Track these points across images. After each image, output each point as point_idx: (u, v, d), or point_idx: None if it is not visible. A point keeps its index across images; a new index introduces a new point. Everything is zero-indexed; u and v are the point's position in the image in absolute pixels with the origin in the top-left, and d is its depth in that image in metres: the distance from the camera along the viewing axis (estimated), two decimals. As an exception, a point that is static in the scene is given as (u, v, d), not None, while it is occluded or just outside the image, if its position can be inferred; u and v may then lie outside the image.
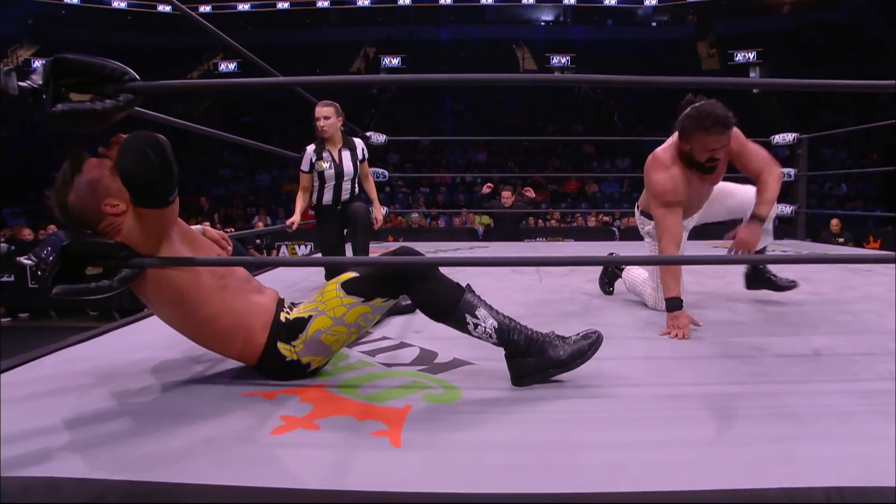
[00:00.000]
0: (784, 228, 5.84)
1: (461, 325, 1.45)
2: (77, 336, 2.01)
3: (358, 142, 3.22)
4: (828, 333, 2.02)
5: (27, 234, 8.33)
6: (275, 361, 1.49)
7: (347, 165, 3.10)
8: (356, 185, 3.18)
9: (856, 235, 8.67)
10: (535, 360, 1.47)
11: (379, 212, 3.34)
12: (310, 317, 1.47)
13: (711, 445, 1.16)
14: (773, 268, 2.55)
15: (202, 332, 1.47)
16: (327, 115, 3.04)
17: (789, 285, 2.43)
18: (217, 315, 1.44)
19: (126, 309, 6.50)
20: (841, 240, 8.06)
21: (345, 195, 3.12)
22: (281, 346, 1.48)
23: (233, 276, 1.49)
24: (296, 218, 3.23)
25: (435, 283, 1.46)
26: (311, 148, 3.11)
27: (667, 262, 2.14)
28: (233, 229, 9.88)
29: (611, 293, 2.74)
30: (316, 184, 3.11)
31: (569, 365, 1.49)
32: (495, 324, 1.44)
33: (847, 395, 1.42)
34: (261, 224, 9.30)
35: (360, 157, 3.19)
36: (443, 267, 1.49)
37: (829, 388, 1.48)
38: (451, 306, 1.44)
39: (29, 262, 1.24)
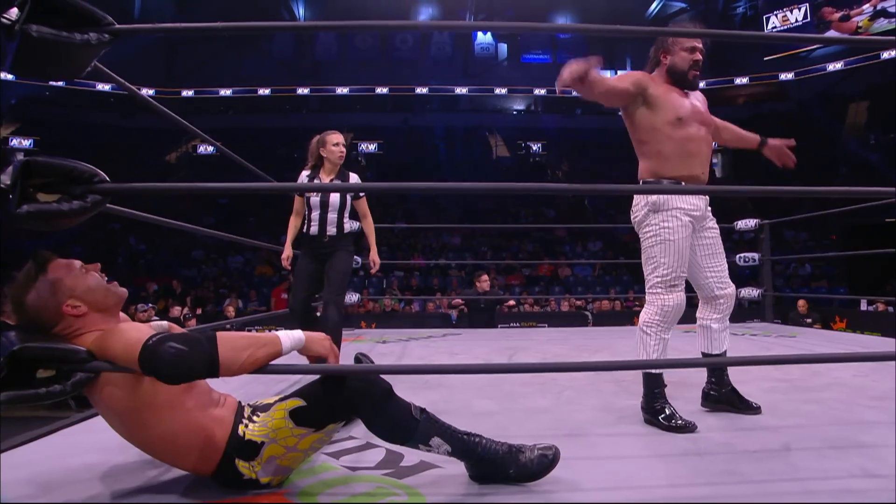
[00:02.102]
0: (753, 310, 5.97)
1: (415, 449, 1.46)
2: (21, 436, 1.87)
3: (353, 175, 3.22)
4: (796, 426, 2.02)
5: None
6: (232, 477, 1.41)
7: (333, 196, 3.09)
8: (343, 220, 3.13)
9: (823, 315, 8.86)
10: (491, 472, 1.47)
11: (375, 254, 3.36)
12: (262, 443, 1.40)
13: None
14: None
15: (155, 446, 1.40)
16: (344, 142, 3.12)
17: (751, 410, 2.18)
18: (172, 431, 1.37)
19: (83, 396, 6.17)
20: (809, 320, 8.21)
21: (330, 229, 3.09)
22: (239, 464, 1.40)
23: (193, 388, 1.42)
24: (287, 252, 3.20)
25: (389, 413, 1.42)
26: (305, 173, 3.15)
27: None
28: (200, 310, 9.71)
29: None
30: (307, 211, 3.11)
31: (522, 481, 1.47)
32: (449, 449, 1.44)
33: (818, 496, 1.40)
34: (231, 308, 9.11)
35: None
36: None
37: (799, 488, 1.46)
38: (405, 437, 1.44)
39: (-27, 368, 1.18)
